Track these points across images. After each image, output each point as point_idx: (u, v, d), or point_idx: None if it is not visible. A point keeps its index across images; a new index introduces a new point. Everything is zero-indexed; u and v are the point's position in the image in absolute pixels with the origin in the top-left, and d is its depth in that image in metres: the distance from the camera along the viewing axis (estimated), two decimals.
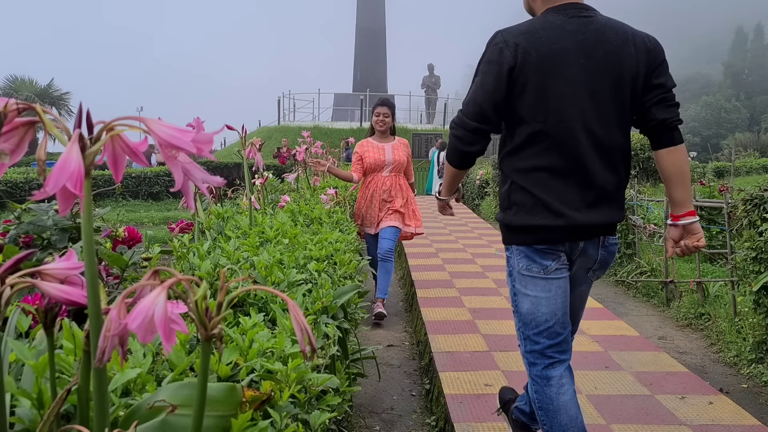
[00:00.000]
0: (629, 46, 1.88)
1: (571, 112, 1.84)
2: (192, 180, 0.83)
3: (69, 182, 0.74)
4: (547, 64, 1.83)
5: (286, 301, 0.74)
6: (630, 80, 1.89)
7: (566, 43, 1.84)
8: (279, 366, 1.24)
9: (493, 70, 1.86)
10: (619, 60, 1.87)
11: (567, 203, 1.86)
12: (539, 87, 1.84)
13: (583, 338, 3.96)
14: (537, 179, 1.89)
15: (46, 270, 0.91)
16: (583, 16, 1.89)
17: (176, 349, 1.27)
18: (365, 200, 4.77)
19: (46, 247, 1.79)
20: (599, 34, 1.87)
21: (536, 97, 1.85)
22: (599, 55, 1.86)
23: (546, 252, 1.92)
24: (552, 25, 1.87)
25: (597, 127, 1.86)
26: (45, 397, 0.99)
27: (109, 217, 9.80)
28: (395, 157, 4.75)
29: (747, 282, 3.73)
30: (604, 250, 1.97)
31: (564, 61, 1.84)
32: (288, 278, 1.97)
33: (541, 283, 1.93)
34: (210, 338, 0.74)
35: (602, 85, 1.86)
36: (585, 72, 1.85)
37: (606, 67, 1.86)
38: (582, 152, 1.85)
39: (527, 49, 1.83)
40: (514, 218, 1.94)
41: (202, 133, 0.79)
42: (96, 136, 0.82)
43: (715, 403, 2.95)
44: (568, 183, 1.87)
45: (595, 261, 1.98)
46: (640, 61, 1.89)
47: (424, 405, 3.27)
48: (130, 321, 0.68)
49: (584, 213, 1.87)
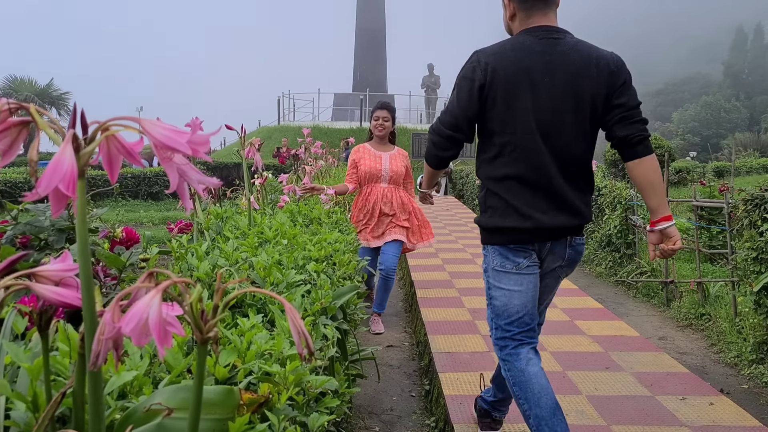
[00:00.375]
0: (591, 68, 2.03)
1: (534, 126, 2.02)
2: (188, 181, 0.82)
3: (61, 183, 0.73)
4: (513, 82, 2.02)
5: (283, 304, 0.73)
6: (590, 100, 2.04)
7: (531, 63, 2.02)
8: (277, 368, 1.23)
9: (467, 86, 2.06)
10: (581, 81, 2.02)
11: (534, 207, 2.05)
12: (506, 102, 2.03)
13: (583, 339, 3.95)
14: (508, 186, 2.08)
15: (40, 272, 0.90)
16: (551, 38, 2.05)
17: (173, 351, 1.26)
18: (365, 213, 4.40)
19: (43, 248, 1.78)
20: (564, 56, 2.03)
21: (504, 111, 2.04)
22: (562, 75, 2.02)
23: (518, 250, 2.11)
24: (521, 46, 2.05)
25: (557, 141, 2.04)
26: (40, 400, 0.98)
27: (108, 217, 9.78)
28: (393, 167, 4.41)
29: (747, 282, 3.72)
30: (571, 249, 2.15)
31: (528, 79, 2.01)
32: (287, 279, 1.96)
33: (514, 277, 2.12)
34: (206, 342, 0.73)
35: (563, 103, 2.03)
36: (548, 90, 2.02)
37: (567, 88, 2.02)
38: (544, 162, 2.04)
39: (495, 67, 2.02)
40: (489, 221, 2.15)
41: (198, 134, 0.78)
42: (90, 137, 0.80)
43: (715, 404, 2.94)
44: (534, 190, 2.06)
45: (563, 259, 2.16)
46: (601, 83, 2.04)
47: (424, 406, 3.26)
48: (124, 324, 0.67)
49: (550, 216, 2.06)
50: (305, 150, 5.06)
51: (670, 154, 8.14)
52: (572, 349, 3.71)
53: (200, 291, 0.70)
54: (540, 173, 2.05)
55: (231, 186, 4.78)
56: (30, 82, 31.21)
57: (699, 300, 4.64)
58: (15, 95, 29.19)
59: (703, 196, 6.74)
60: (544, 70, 2.01)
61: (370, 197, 4.40)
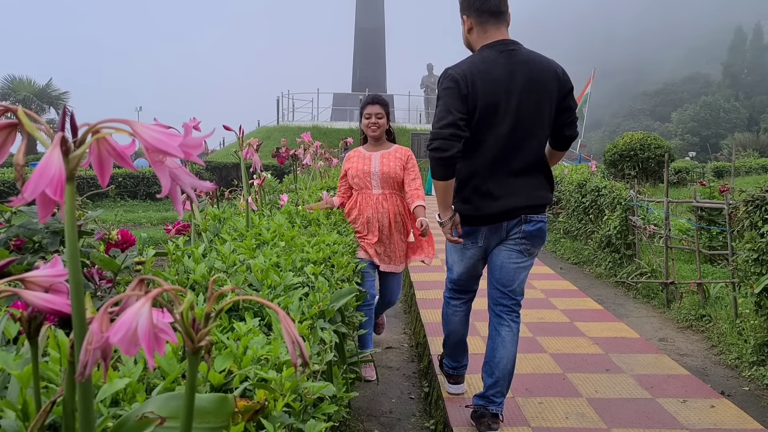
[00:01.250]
0: (547, 74, 2.46)
1: (504, 126, 2.43)
2: (180, 185, 0.80)
3: (49, 188, 0.71)
4: (488, 90, 2.39)
5: (277, 312, 0.71)
6: (548, 102, 2.47)
7: (499, 73, 2.41)
8: (273, 374, 1.21)
9: (454, 93, 2.39)
10: (540, 87, 2.44)
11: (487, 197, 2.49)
12: (483, 107, 2.40)
13: (583, 340, 3.93)
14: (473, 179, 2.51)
15: (29, 278, 0.88)
16: (509, 50, 2.46)
17: (167, 357, 1.23)
18: (360, 224, 3.59)
19: (37, 251, 1.75)
20: (524, 65, 2.44)
21: (480, 115, 2.41)
22: (524, 82, 2.42)
23: (468, 233, 2.59)
24: (488, 59, 2.44)
25: (518, 138, 2.45)
26: (30, 409, 0.96)
27: (106, 217, 9.74)
28: (384, 168, 3.50)
29: (748, 284, 3.70)
30: (527, 225, 2.53)
31: (499, 87, 2.40)
32: (284, 281, 1.94)
33: (461, 252, 2.68)
34: (197, 351, 0.71)
35: (527, 105, 2.43)
36: (514, 94, 2.41)
37: (530, 93, 2.43)
38: (505, 155, 2.47)
39: (473, 79, 2.39)
40: (455, 206, 2.58)
41: (191, 137, 0.76)
42: (80, 139, 0.78)
43: (716, 407, 2.92)
44: (491, 179, 2.48)
45: (520, 234, 2.54)
46: (554, 88, 2.47)
47: (423, 408, 3.24)
48: (113, 334, 0.65)
49: (503, 202, 2.49)
50: (304, 150, 5.02)
51: (669, 154, 8.12)
52: (572, 351, 3.69)
53: (191, 300, 0.68)
54: (503, 163, 2.49)
55: (230, 186, 4.75)
56: (29, 82, 31.12)
57: (699, 301, 4.62)
58: (14, 95, 29.14)
59: (703, 196, 6.72)
60: (509, 79, 2.41)
61: (361, 208, 3.58)
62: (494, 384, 2.56)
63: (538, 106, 2.45)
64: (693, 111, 59.74)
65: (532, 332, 4.05)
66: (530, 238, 2.54)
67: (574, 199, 7.62)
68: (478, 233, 2.57)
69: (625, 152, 12.53)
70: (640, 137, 12.79)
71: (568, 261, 7.26)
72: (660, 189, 12.14)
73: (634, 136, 12.92)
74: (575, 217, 7.67)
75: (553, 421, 2.76)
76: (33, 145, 14.08)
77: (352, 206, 3.64)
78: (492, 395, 2.57)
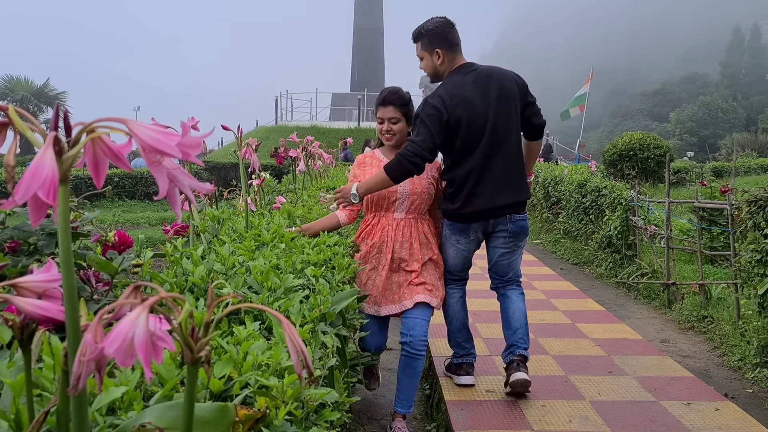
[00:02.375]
0: (507, 81, 2.91)
1: (486, 135, 2.83)
2: (179, 187, 0.76)
3: (41, 190, 0.67)
4: (468, 108, 2.81)
5: (280, 321, 0.67)
6: (513, 104, 2.90)
7: (472, 91, 2.84)
8: (275, 381, 1.17)
9: (437, 120, 2.77)
10: (506, 93, 2.87)
11: (478, 196, 2.87)
12: (467, 124, 2.81)
13: (585, 342, 3.90)
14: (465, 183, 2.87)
15: (22, 283, 0.85)
16: (472, 70, 2.91)
17: (165, 363, 1.20)
18: (371, 257, 2.90)
19: (33, 253, 1.72)
20: (487, 78, 2.88)
21: (467, 130, 2.82)
22: (495, 93, 2.85)
23: (462, 230, 2.97)
24: (459, 83, 2.87)
25: (498, 141, 2.86)
26: (23, 419, 0.93)
27: (104, 217, 9.68)
28: (414, 186, 2.87)
29: (751, 285, 3.67)
30: (512, 225, 2.96)
31: (476, 103, 2.83)
32: (285, 284, 1.91)
33: (455, 246, 3.02)
34: (197, 361, 0.67)
35: (500, 112, 2.85)
36: (487, 105, 2.83)
37: (500, 101, 2.85)
38: (490, 158, 2.86)
39: (452, 105, 2.80)
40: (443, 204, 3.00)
41: (189, 137, 0.73)
42: (74, 139, 0.75)
43: (721, 410, 2.89)
44: (480, 181, 2.86)
45: (506, 232, 2.97)
46: (515, 91, 2.91)
47: (425, 411, 3.21)
48: (107, 345, 0.62)
49: (489, 200, 2.87)
50: (303, 149, 4.97)
51: (670, 154, 8.09)
52: (574, 353, 3.66)
53: (189, 309, 0.65)
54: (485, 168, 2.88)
55: (228, 186, 4.72)
56: (26, 81, 31.01)
57: (701, 302, 4.59)
58: (11, 95, 29.05)
59: (704, 196, 6.69)
60: (479, 93, 2.84)
61: (377, 232, 2.92)
62: (515, 333, 2.99)
63: (508, 110, 2.87)
64: (691, 111, 59.74)
65: (534, 334, 4.01)
66: (515, 236, 3.00)
67: (574, 199, 7.59)
68: (470, 229, 2.96)
69: (625, 152, 12.51)
70: (639, 137, 12.77)
71: (568, 261, 7.23)
72: (659, 189, 12.11)
73: (634, 136, 12.90)
74: (575, 217, 7.64)
75: (556, 425, 2.72)
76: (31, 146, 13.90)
77: (369, 232, 2.95)
78: (516, 341, 2.97)
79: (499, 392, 3.08)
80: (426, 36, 2.94)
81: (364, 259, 2.90)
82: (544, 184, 9.25)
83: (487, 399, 3.00)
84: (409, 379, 2.81)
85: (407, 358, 2.79)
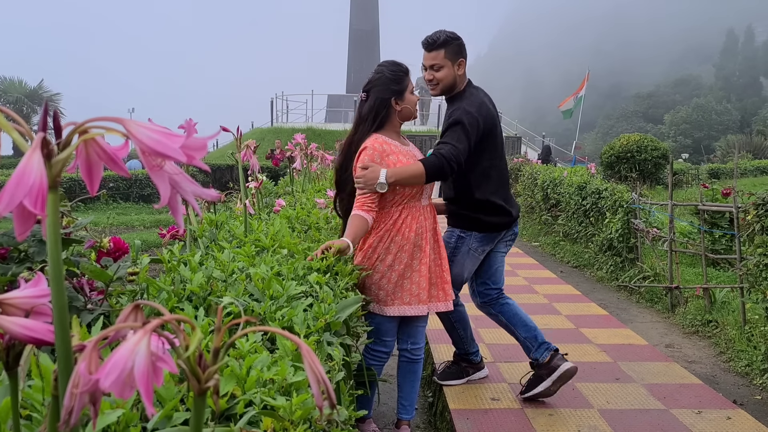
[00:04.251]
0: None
1: (501, 148, 3.00)
2: (181, 194, 0.68)
3: (27, 199, 0.59)
4: (495, 124, 2.91)
5: (300, 346, 0.59)
6: None
7: (493, 108, 2.94)
8: (282, 400, 1.09)
9: (475, 131, 2.72)
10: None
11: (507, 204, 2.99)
12: (494, 137, 2.90)
13: (590, 347, 3.83)
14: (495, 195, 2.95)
15: (7, 300, 0.76)
16: (478, 87, 2.97)
17: (164, 380, 1.12)
18: (405, 253, 2.51)
19: (23, 260, 1.63)
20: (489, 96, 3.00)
21: (494, 144, 2.91)
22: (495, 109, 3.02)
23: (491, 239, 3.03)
24: (486, 97, 2.91)
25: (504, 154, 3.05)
26: None
27: (98, 220, 9.56)
28: None
29: (759, 289, 3.61)
30: (515, 227, 3.08)
31: (496, 119, 2.95)
32: (287, 291, 1.83)
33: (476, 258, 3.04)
34: (204, 392, 0.59)
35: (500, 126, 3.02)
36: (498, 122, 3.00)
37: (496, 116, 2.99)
38: (506, 171, 3.07)
39: (485, 115, 2.80)
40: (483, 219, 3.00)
41: (194, 138, 0.65)
42: (65, 141, 0.67)
43: (733, 419, 2.82)
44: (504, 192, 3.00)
45: (512, 234, 3.09)
46: None
47: (428, 419, 3.13)
48: (103, 377, 0.54)
49: (513, 210, 3.03)
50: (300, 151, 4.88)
51: (670, 156, 8.05)
52: (580, 359, 3.59)
53: (200, 338, 0.57)
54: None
55: (224, 189, 4.63)
56: (20, 83, 30.80)
57: (705, 306, 4.53)
58: (4, 97, 28.84)
59: (706, 199, 6.63)
60: (494, 109, 2.96)
61: (411, 224, 2.53)
62: (534, 329, 3.03)
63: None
64: (685, 113, 59.84)
65: None
66: (514, 238, 3.12)
67: (573, 202, 7.52)
68: (496, 238, 3.00)
69: (622, 154, 12.48)
70: (636, 139, 12.74)
71: (568, 264, 7.17)
72: (657, 191, 12.07)
73: (631, 137, 12.87)
74: (575, 219, 7.58)
75: None
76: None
77: (398, 228, 2.52)
78: (542, 341, 2.99)
79: (505, 400, 3.01)
80: (453, 43, 2.76)
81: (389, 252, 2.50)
82: (543, 186, 9.19)
83: (492, 408, 2.92)
84: (411, 385, 2.71)
85: (408, 363, 2.68)
